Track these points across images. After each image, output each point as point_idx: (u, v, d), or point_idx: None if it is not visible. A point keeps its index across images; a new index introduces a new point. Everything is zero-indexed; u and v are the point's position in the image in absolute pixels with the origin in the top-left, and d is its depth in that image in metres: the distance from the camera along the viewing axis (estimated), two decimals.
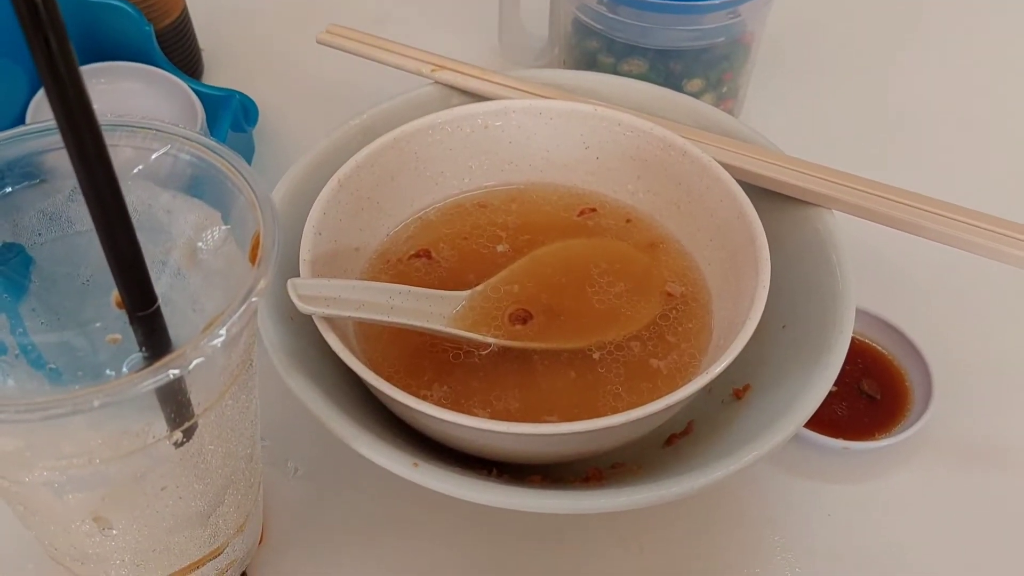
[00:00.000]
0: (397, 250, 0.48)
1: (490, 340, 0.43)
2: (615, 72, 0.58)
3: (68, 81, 0.24)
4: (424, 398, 0.38)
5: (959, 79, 0.70)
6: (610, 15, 0.57)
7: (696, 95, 0.58)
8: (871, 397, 0.48)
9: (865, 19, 0.75)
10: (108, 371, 0.30)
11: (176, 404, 0.30)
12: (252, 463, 0.38)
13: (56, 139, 0.33)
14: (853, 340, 0.48)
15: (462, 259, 0.48)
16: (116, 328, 0.32)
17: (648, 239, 0.49)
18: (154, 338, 0.29)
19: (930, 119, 0.66)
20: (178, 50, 0.63)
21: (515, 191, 0.51)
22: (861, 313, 0.49)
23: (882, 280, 0.54)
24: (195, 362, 0.27)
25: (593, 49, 0.60)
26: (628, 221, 0.50)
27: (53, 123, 0.31)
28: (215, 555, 0.38)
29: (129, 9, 0.56)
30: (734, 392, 0.43)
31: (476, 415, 0.38)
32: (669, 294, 0.46)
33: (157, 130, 0.34)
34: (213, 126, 0.57)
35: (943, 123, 0.66)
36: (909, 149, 0.64)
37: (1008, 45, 0.73)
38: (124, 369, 0.30)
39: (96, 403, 0.26)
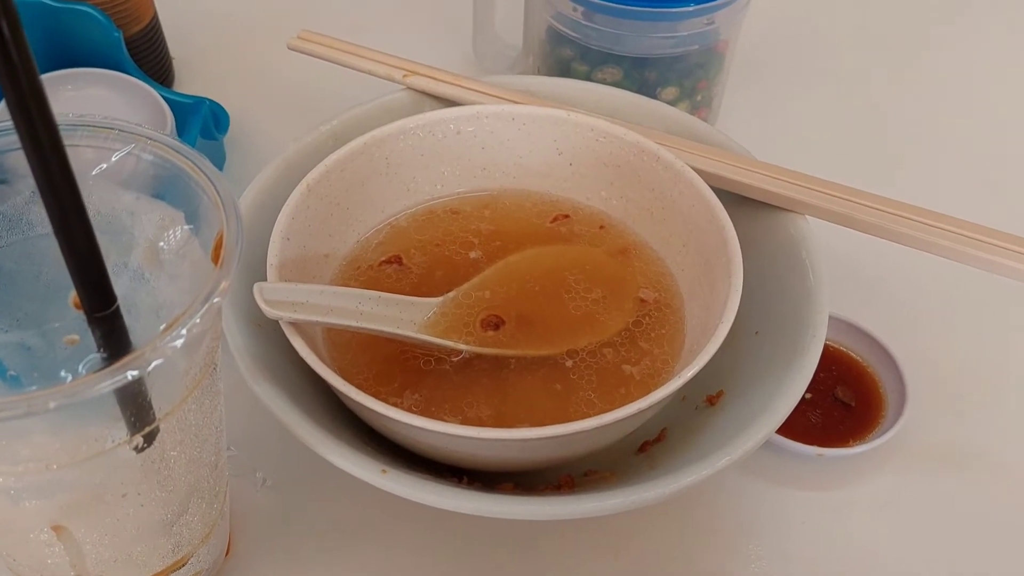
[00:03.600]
0: (367, 256, 0.48)
1: (461, 347, 0.42)
2: (589, 80, 0.58)
3: (21, 67, 0.23)
4: (395, 405, 0.37)
5: (932, 85, 0.70)
6: (585, 23, 0.57)
7: (671, 103, 0.58)
8: (845, 404, 0.48)
9: (839, 27, 0.75)
10: (63, 373, 0.29)
11: (136, 407, 0.29)
12: (217, 471, 0.37)
13: (14, 139, 0.33)
14: (827, 347, 0.48)
15: (434, 266, 0.47)
16: (75, 329, 0.31)
17: (621, 245, 0.48)
18: (113, 339, 0.28)
19: (904, 126, 0.67)
20: (148, 57, 0.62)
21: (488, 197, 0.51)
22: (835, 320, 0.49)
23: (856, 287, 0.54)
24: (154, 363, 0.27)
25: (567, 57, 0.60)
26: (601, 227, 0.49)
27: (10, 123, 0.30)
28: (179, 566, 0.37)
29: (97, 15, 0.56)
30: (707, 399, 0.43)
31: (447, 422, 0.38)
32: (642, 300, 0.46)
33: (120, 130, 0.33)
34: (183, 133, 0.56)
35: (916, 129, 0.67)
36: (883, 155, 0.64)
37: (981, 49, 0.73)
38: (81, 370, 0.29)
39: (52, 404, 0.25)
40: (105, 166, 0.33)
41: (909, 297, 0.54)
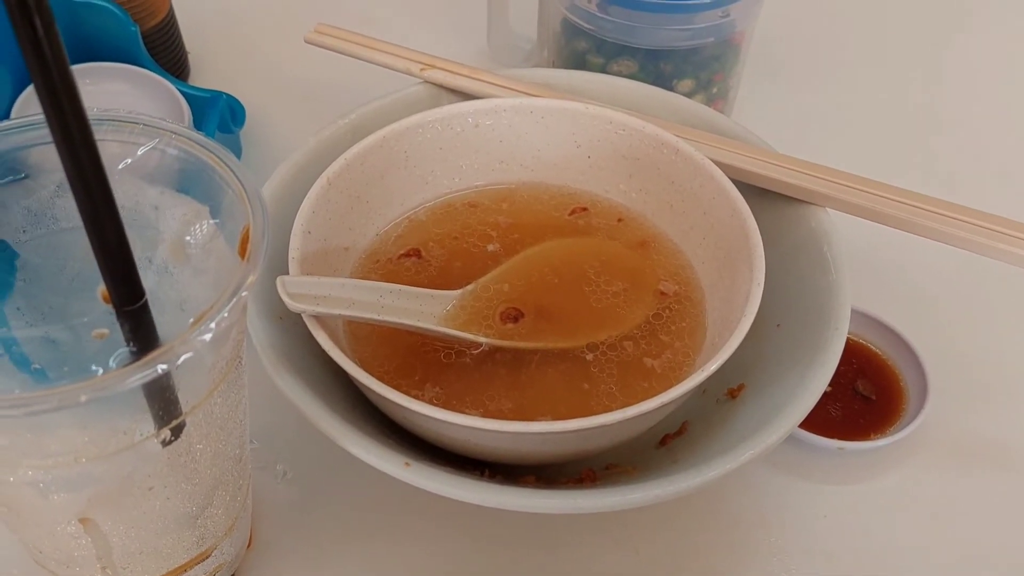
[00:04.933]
0: (387, 249, 0.48)
1: (481, 339, 0.42)
2: (605, 73, 0.58)
3: (54, 64, 0.23)
4: (416, 398, 0.37)
5: (950, 76, 0.70)
6: (600, 15, 0.56)
7: (687, 95, 0.58)
8: (866, 398, 0.48)
9: (855, 18, 0.75)
10: (94, 367, 0.29)
11: (164, 401, 0.29)
12: (241, 464, 0.37)
13: (40, 134, 0.33)
14: (848, 340, 0.48)
15: (452, 258, 0.47)
16: (103, 323, 0.31)
17: (640, 238, 0.48)
18: (141, 333, 0.28)
19: (923, 116, 0.67)
20: (164, 51, 0.62)
21: (506, 190, 0.51)
22: (856, 313, 0.49)
23: (877, 280, 0.54)
24: (183, 357, 0.27)
25: (583, 50, 0.59)
26: (620, 220, 0.49)
27: (37, 118, 0.30)
28: (203, 558, 0.37)
29: (115, 9, 0.56)
30: (728, 391, 0.43)
31: (469, 414, 0.38)
32: (662, 293, 0.46)
33: (144, 124, 0.33)
34: (200, 127, 0.56)
35: (935, 120, 0.66)
36: (902, 147, 0.64)
37: (1001, 38, 0.73)
38: (111, 364, 0.29)
39: (83, 398, 0.25)
40: (130, 160, 0.33)
41: (930, 290, 0.54)
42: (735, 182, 0.45)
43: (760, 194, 0.47)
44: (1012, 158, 0.63)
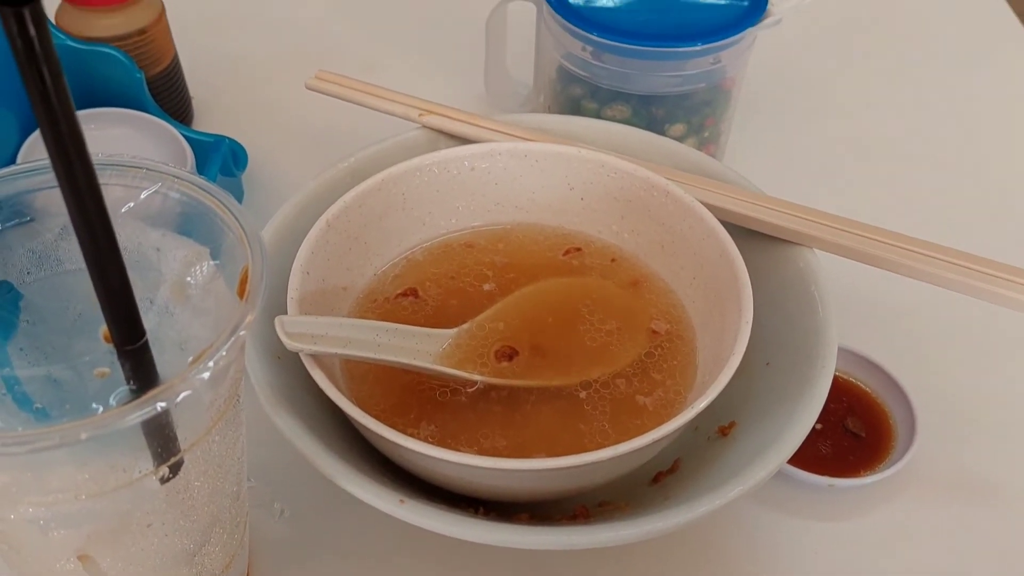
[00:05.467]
0: (384, 289, 0.49)
1: (476, 377, 0.43)
2: (599, 118, 0.59)
3: (61, 113, 0.24)
4: (411, 436, 0.38)
5: (938, 119, 0.71)
6: (594, 62, 0.58)
7: (679, 140, 0.59)
8: (856, 435, 0.48)
9: (844, 63, 0.76)
10: (95, 405, 0.30)
11: (163, 439, 0.30)
12: (238, 501, 0.38)
13: (45, 178, 0.34)
14: (837, 378, 0.49)
15: (449, 297, 0.48)
16: (104, 362, 0.32)
17: (632, 277, 0.49)
18: (141, 371, 0.29)
19: (910, 160, 0.68)
20: (168, 96, 0.63)
21: (501, 231, 0.52)
22: (844, 351, 0.50)
23: (865, 318, 0.55)
24: (182, 395, 0.28)
25: (577, 95, 0.61)
26: (613, 260, 0.50)
27: (42, 163, 0.31)
28: None
29: (120, 57, 0.57)
30: (719, 429, 0.43)
31: (463, 452, 0.38)
32: (654, 331, 0.46)
33: (147, 169, 0.34)
34: (203, 171, 0.57)
35: (923, 164, 0.67)
36: (890, 189, 0.65)
37: (987, 82, 0.74)
38: (111, 402, 0.30)
39: (83, 436, 0.26)
40: (133, 204, 0.34)
41: (918, 328, 0.55)
42: (724, 223, 0.46)
43: (749, 235, 0.48)
44: (1001, 200, 0.65)
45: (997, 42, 0.79)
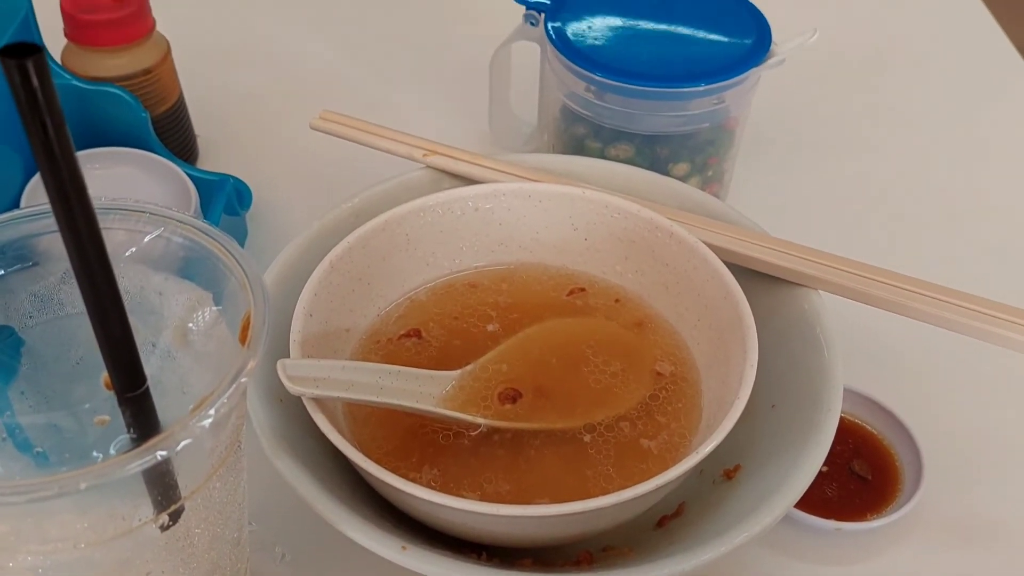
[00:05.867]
0: (387, 330, 0.49)
1: (479, 420, 0.43)
2: (603, 157, 0.60)
3: (63, 163, 0.24)
4: (414, 480, 0.38)
5: (942, 159, 0.71)
6: (597, 102, 0.58)
7: (682, 179, 0.59)
8: (862, 478, 0.48)
9: (849, 102, 0.76)
10: (95, 453, 0.30)
11: (163, 486, 0.30)
12: (239, 547, 0.37)
13: (50, 222, 0.34)
14: (843, 420, 0.48)
15: (452, 338, 0.48)
16: (105, 409, 0.32)
17: (636, 318, 0.49)
18: (142, 419, 0.29)
19: (915, 200, 0.68)
20: (174, 135, 0.64)
21: (505, 271, 0.52)
22: (850, 393, 0.49)
23: (871, 359, 0.54)
24: (183, 443, 0.27)
25: (581, 134, 0.61)
26: (617, 301, 0.50)
27: (46, 207, 0.31)
28: None
29: (126, 96, 0.57)
30: (724, 472, 0.43)
31: (466, 498, 0.38)
32: (659, 373, 0.46)
33: (150, 213, 0.34)
34: (207, 210, 0.57)
35: (928, 204, 0.67)
36: (893, 230, 0.65)
37: (989, 123, 0.74)
38: (111, 451, 0.30)
39: (83, 485, 0.26)
40: (136, 249, 0.34)
41: (924, 370, 0.55)
42: (728, 264, 0.46)
43: (753, 276, 0.48)
44: (1006, 241, 0.64)
45: (1003, 81, 0.79)
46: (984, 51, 0.82)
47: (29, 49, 0.22)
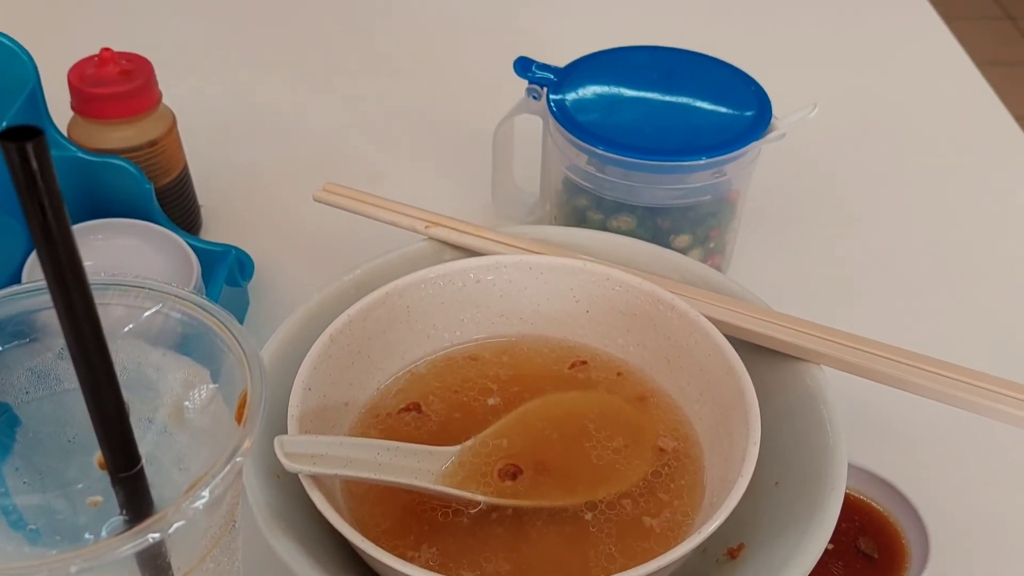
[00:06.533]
0: (387, 404, 0.48)
1: (479, 498, 0.42)
2: (604, 228, 0.60)
3: (61, 245, 0.24)
4: (412, 560, 0.37)
5: (946, 234, 0.71)
6: (598, 174, 0.58)
7: (684, 251, 0.59)
8: (868, 556, 0.47)
9: (851, 174, 0.77)
10: (87, 535, 0.29)
11: (155, 568, 0.29)
12: None
13: (48, 298, 0.34)
14: (848, 497, 0.47)
15: (452, 412, 0.48)
16: (98, 490, 0.31)
17: (639, 392, 0.49)
18: (135, 500, 0.28)
19: (918, 275, 0.67)
20: (177, 206, 0.64)
21: (506, 343, 0.51)
22: (856, 469, 0.49)
23: (875, 435, 0.54)
24: (176, 525, 0.27)
25: (583, 206, 0.61)
26: (619, 374, 0.50)
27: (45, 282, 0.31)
28: None
29: (130, 168, 0.58)
30: (728, 551, 0.42)
31: None
32: (661, 449, 0.46)
33: (149, 288, 0.34)
34: (209, 280, 0.57)
35: (930, 279, 0.67)
36: (897, 304, 0.65)
37: (992, 197, 0.75)
38: (103, 533, 0.29)
39: (73, 569, 0.25)
40: (133, 325, 0.34)
41: (929, 446, 0.54)
42: (731, 339, 0.45)
43: (756, 350, 0.47)
44: (1009, 315, 0.64)
45: (1004, 152, 0.79)
46: (984, 122, 0.83)
47: (30, 132, 0.23)
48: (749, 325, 0.47)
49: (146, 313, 0.34)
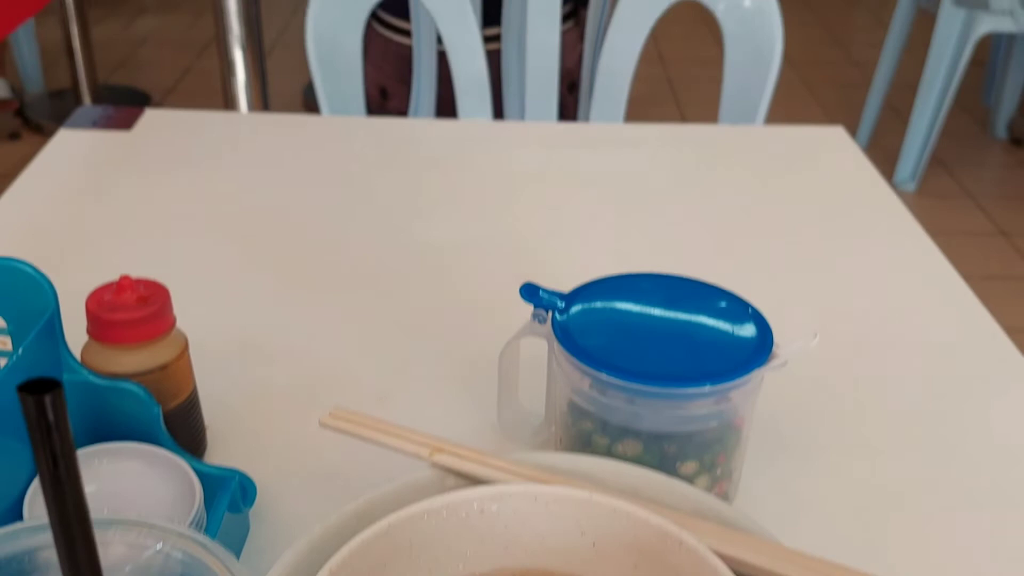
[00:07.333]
0: None
1: None
2: (610, 452, 0.60)
3: (69, 494, 0.24)
4: None
5: (963, 462, 0.70)
6: (602, 399, 0.59)
7: (691, 477, 0.59)
8: None
9: (859, 399, 0.77)
10: None
11: None
12: None
13: (48, 537, 0.33)
14: None
15: None
16: None
17: None
18: None
19: (930, 502, 0.66)
20: (183, 428, 0.64)
21: None
22: None
23: None
24: None
25: (588, 430, 0.61)
26: None
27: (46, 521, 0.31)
28: None
29: (140, 392, 0.58)
30: None
31: None
32: None
33: (151, 526, 0.34)
34: (211, 505, 0.57)
35: (949, 510, 0.66)
36: (909, 535, 0.63)
37: (1001, 422, 0.74)
38: None
39: None
40: (133, 566, 0.33)
41: None
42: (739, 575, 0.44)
43: None
44: None
45: (1008, 379, 0.80)
46: (988, 350, 0.83)
47: (48, 384, 0.23)
48: (760, 562, 0.46)
49: (147, 552, 0.34)
